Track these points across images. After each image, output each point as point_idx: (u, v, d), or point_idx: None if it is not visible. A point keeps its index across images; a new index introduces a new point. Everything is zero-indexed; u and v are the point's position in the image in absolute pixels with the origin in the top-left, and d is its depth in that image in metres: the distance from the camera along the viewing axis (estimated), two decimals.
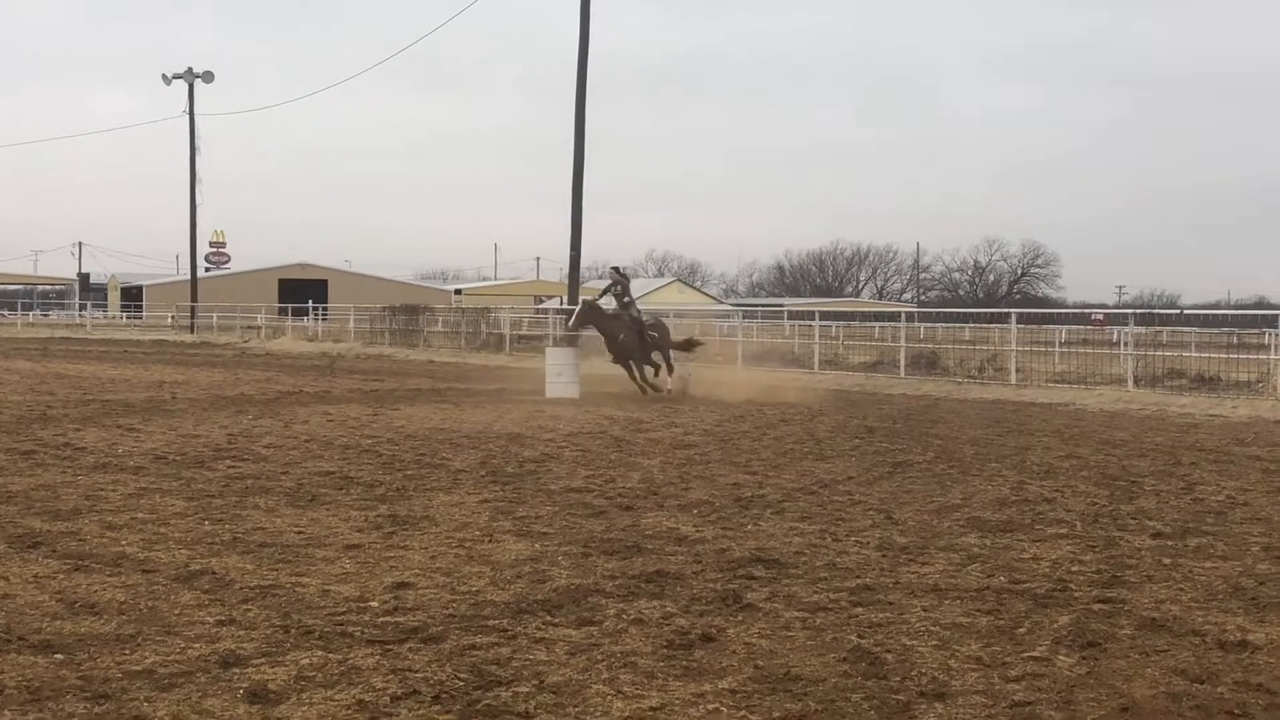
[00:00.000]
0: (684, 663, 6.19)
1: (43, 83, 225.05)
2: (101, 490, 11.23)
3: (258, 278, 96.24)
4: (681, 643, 6.53)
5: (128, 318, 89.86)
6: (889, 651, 6.42)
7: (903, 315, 38.82)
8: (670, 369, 25.12)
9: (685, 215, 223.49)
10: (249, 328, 64.14)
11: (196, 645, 6.33)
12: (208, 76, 69.63)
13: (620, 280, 25.37)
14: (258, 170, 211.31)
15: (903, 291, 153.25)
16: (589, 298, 26.56)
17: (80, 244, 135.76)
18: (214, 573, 7.97)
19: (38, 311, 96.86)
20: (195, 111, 69.43)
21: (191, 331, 66.77)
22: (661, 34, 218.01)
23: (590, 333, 25.86)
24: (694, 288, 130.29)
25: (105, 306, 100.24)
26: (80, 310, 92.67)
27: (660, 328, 25.93)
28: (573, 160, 40.03)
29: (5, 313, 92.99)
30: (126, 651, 6.20)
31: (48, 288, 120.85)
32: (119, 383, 26.10)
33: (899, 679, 5.97)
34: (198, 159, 69.35)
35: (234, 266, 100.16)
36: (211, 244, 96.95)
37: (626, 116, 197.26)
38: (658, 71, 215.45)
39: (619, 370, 24.93)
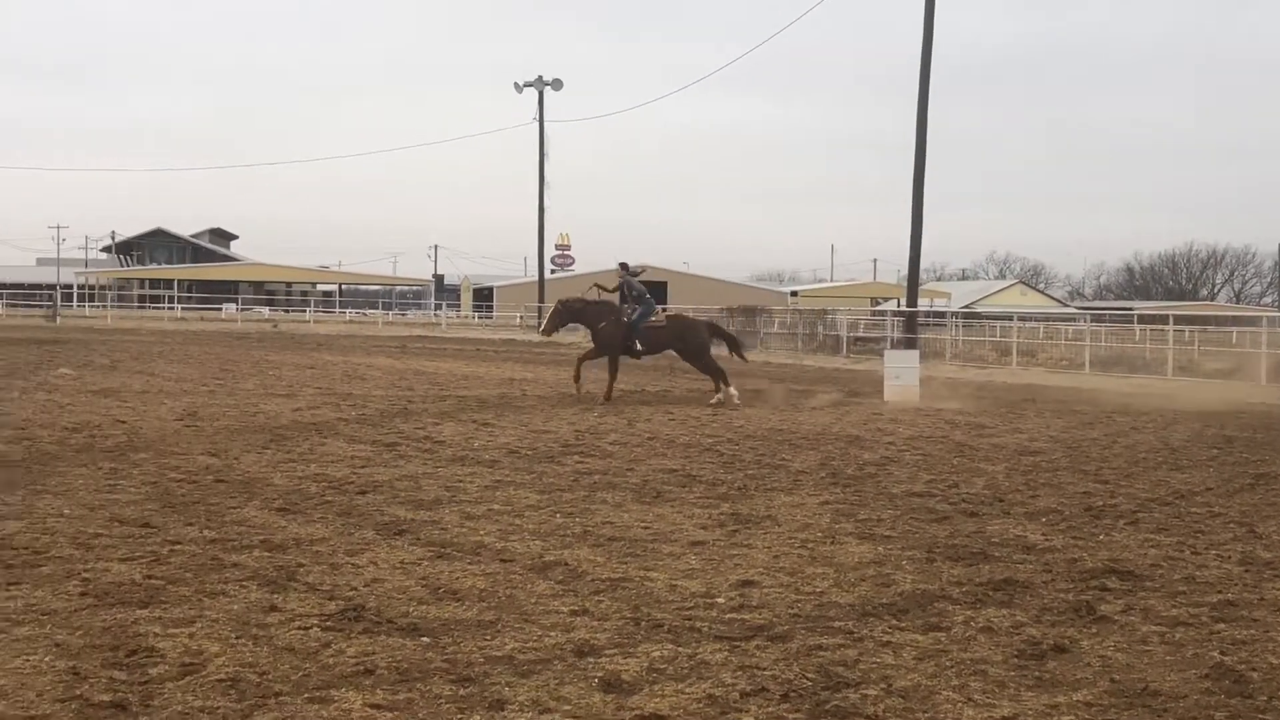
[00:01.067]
0: (1036, 673, 6.06)
1: (403, 93, 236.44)
2: (460, 482, 11.74)
3: (601, 279, 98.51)
4: (1033, 653, 6.39)
5: (479, 317, 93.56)
6: (1254, 670, 6.13)
7: (1264, 320, 36.87)
8: (720, 376, 22.76)
9: (1027, 215, 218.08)
10: None
11: (552, 634, 6.55)
12: (557, 84, 71.97)
13: (627, 278, 24.42)
14: (599, 173, 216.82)
15: (1262, 295, 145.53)
16: (564, 297, 24.99)
17: (436, 247, 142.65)
18: (567, 564, 8.23)
19: (396, 311, 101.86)
20: (545, 118, 71.73)
21: (539, 331, 68.94)
22: (1001, 24, 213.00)
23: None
24: (1037, 290, 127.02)
25: (458, 306, 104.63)
26: (435, 310, 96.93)
27: (689, 328, 24.01)
28: (914, 159, 39.61)
29: (367, 312, 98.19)
30: (487, 637, 6.47)
31: (405, 288, 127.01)
32: (472, 379, 27.18)
33: (1265, 698, 5.70)
34: (546, 164, 71.68)
35: (578, 268, 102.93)
36: (557, 246, 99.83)
37: (967, 112, 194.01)
38: (998, 63, 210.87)
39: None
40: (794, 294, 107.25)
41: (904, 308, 48.46)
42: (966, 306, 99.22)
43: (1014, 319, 58.83)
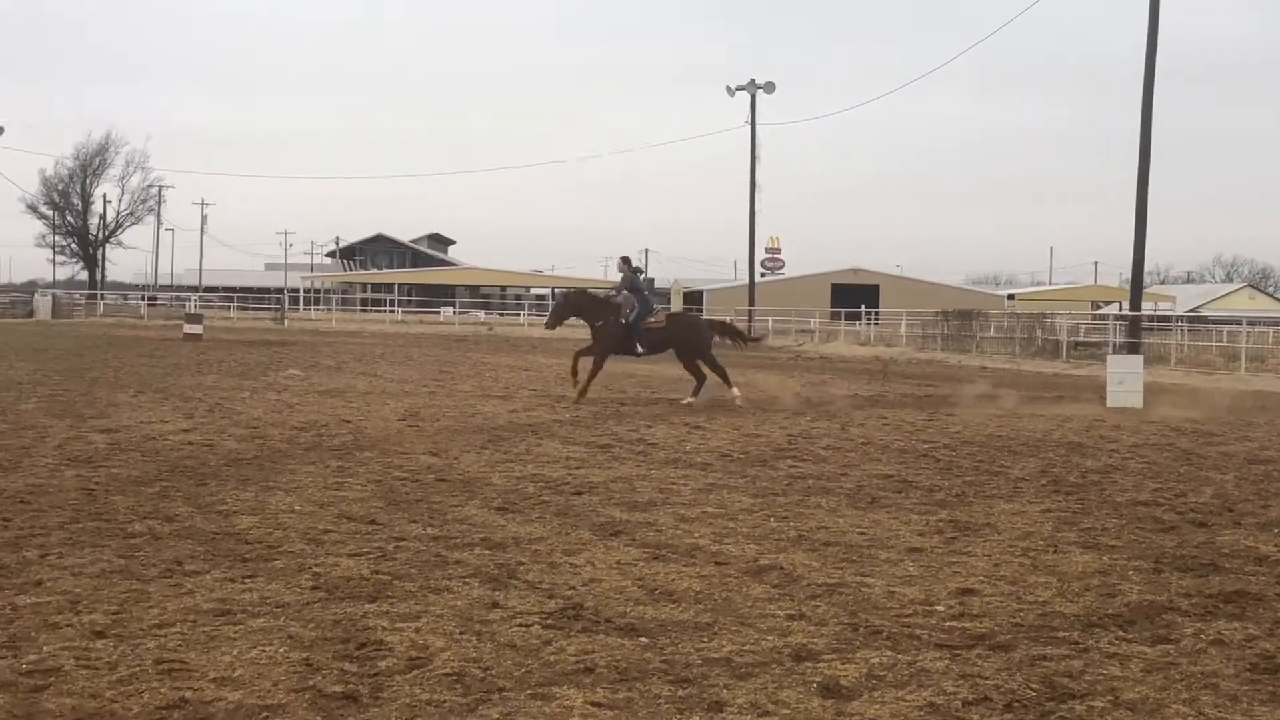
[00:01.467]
0: (1270, 688, 5.84)
1: (613, 98, 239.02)
2: (673, 484, 11.81)
3: (811, 282, 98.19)
4: (1267, 667, 6.16)
5: None
6: None
7: None
8: (720, 375, 22.36)
9: (1255, 217, 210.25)
10: (803, 331, 65.60)
11: (769, 637, 6.55)
12: (769, 87, 71.86)
13: (628, 273, 23.87)
14: (810, 175, 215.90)
15: None
16: (567, 289, 24.15)
17: (647, 250, 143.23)
18: (782, 568, 8.22)
19: None
20: (756, 121, 71.75)
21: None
22: (1228, 20, 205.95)
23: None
24: (1266, 293, 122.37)
25: (669, 309, 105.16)
26: None
27: (688, 327, 23.51)
28: (1137, 158, 38.54)
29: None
30: (704, 639, 6.49)
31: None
32: (683, 382, 27.29)
33: None
34: (758, 167, 71.67)
35: (788, 271, 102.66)
36: (767, 249, 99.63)
37: (1193, 110, 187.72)
38: (1225, 60, 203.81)
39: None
40: (1010, 297, 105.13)
41: (1127, 311, 47.12)
42: (1192, 310, 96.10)
43: (1242, 323, 56.83)
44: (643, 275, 23.23)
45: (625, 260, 23.55)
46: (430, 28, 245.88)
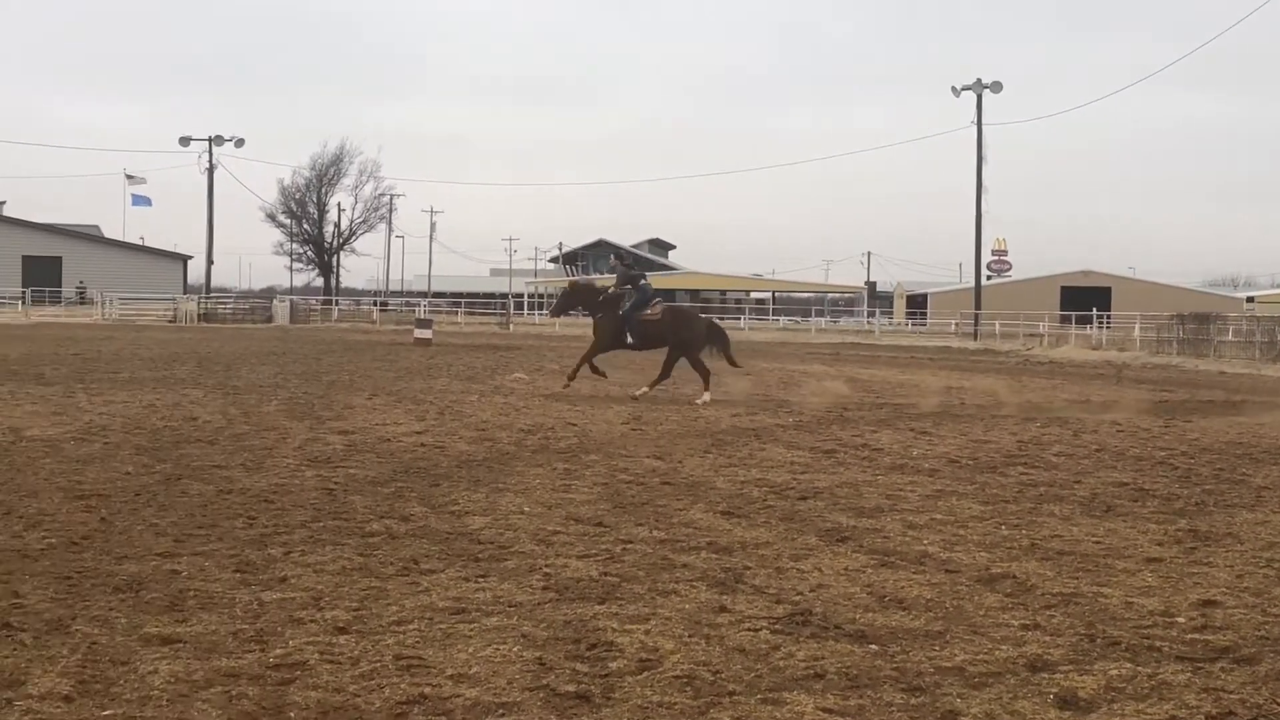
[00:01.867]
0: None
1: (837, 100, 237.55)
2: (900, 490, 11.68)
3: (1039, 285, 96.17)
4: None
5: (912, 325, 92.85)
6: None
7: None
8: (702, 375, 21.72)
9: None
10: (1031, 335, 64.23)
11: (1003, 647, 6.43)
12: (996, 87, 70.68)
13: (622, 270, 23.31)
14: (1038, 175, 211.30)
15: None
16: (577, 278, 23.24)
17: (869, 254, 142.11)
18: (1015, 577, 8.06)
19: (828, 318, 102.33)
20: (983, 122, 70.55)
21: (975, 338, 67.83)
22: None
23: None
24: None
25: (891, 314, 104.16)
26: (868, 317, 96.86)
27: (683, 321, 22.77)
28: None
29: (799, 319, 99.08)
30: (936, 648, 6.41)
31: (837, 296, 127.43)
32: (908, 387, 27.00)
33: None
34: (984, 168, 70.47)
35: (1014, 274, 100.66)
36: (993, 251, 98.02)
37: None
38: None
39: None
40: (1250, 300, 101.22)
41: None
42: None
43: None
44: (640, 274, 23.07)
45: (618, 257, 23.64)
46: (644, 33, 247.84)
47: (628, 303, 22.39)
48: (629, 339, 22.45)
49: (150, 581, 7.51)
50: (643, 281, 23.39)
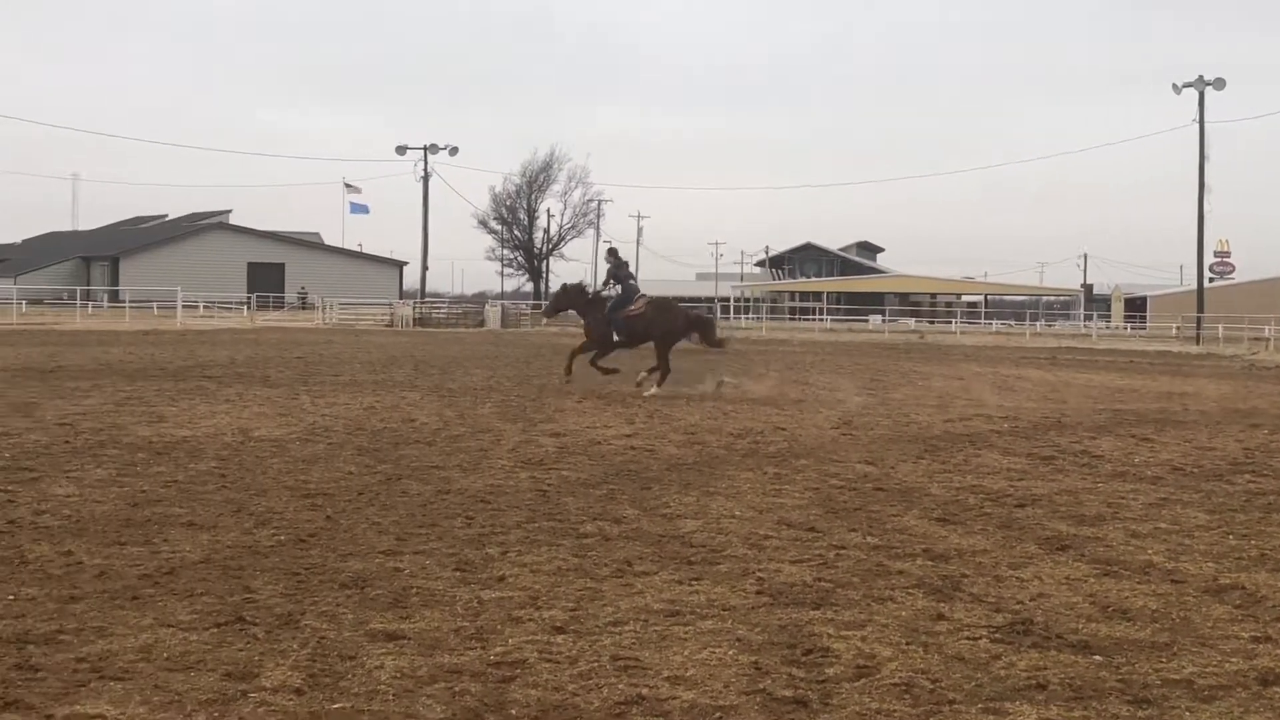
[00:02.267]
0: None
1: (1049, 99, 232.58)
2: (1122, 498, 11.37)
3: (1265, 287, 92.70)
4: None
5: (1131, 328, 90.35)
6: None
7: None
8: (665, 371, 21.75)
9: None
10: (1256, 339, 61.91)
11: (1233, 660, 6.23)
12: (1219, 84, 68.26)
13: (616, 264, 22.77)
14: (1264, 173, 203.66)
15: None
16: (569, 281, 22.73)
17: (1085, 255, 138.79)
18: (1244, 588, 7.79)
19: (1043, 322, 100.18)
20: (1205, 120, 68.28)
21: (1197, 343, 65.64)
22: None
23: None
24: None
25: (1108, 317, 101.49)
26: (1084, 320, 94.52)
27: (664, 314, 22.58)
28: None
29: (1012, 323, 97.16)
30: (1163, 660, 6.23)
31: (1052, 299, 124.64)
32: (1127, 392, 26.26)
33: None
34: (1206, 167, 68.19)
35: (1238, 276, 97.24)
36: (1216, 253, 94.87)
37: None
38: None
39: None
40: None
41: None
42: None
43: None
44: (628, 272, 23.18)
45: (612, 252, 23.80)
46: (858, 35, 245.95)
47: (609, 303, 22.97)
48: (616, 337, 23.02)
49: (374, 578, 7.73)
50: (631, 281, 23.80)
